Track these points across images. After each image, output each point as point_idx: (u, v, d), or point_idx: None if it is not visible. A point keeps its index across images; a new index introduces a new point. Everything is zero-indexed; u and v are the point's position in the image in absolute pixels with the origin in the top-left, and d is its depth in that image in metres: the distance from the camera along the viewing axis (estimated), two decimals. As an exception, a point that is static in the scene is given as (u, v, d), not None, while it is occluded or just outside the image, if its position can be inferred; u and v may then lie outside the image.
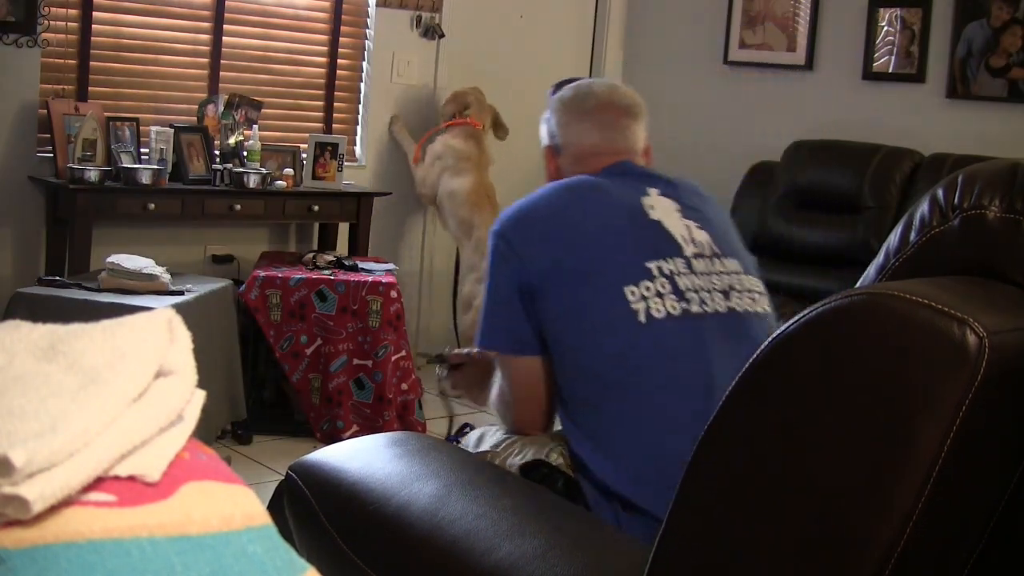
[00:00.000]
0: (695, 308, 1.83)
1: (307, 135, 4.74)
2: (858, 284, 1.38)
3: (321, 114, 4.97)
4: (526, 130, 5.86)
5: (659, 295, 1.81)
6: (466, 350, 2.27)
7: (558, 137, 2.10)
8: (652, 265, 1.84)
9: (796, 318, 1.18)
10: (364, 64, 5.05)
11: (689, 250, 1.90)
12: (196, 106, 4.49)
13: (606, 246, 1.86)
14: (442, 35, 5.18)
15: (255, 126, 4.50)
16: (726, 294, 1.88)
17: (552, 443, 1.90)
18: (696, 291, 1.85)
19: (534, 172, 2.55)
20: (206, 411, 0.91)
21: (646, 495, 1.73)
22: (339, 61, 4.97)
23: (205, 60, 4.58)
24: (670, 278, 1.84)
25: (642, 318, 1.79)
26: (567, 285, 1.83)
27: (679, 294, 1.83)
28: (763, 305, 1.96)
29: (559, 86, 2.23)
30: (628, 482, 1.76)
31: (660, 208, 1.94)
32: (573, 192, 1.95)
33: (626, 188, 1.95)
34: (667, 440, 1.74)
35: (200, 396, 0.91)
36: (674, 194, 1.98)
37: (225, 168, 4.34)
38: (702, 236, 1.93)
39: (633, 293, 1.80)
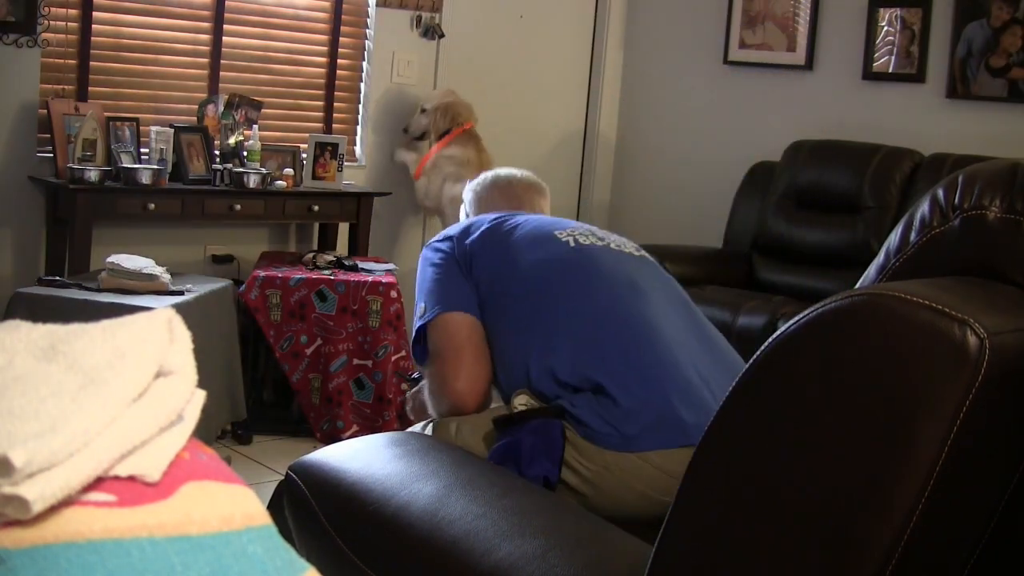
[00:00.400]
0: (612, 246, 2.18)
1: (307, 135, 4.74)
2: (858, 284, 1.38)
3: (321, 114, 4.97)
4: (525, 130, 5.88)
5: (582, 235, 2.18)
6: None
7: (472, 215, 2.43)
8: (571, 224, 2.23)
9: (796, 318, 1.18)
10: (364, 64, 5.05)
11: (595, 228, 2.27)
12: (196, 106, 4.49)
13: (526, 226, 2.17)
14: (442, 35, 5.18)
15: (255, 126, 4.50)
16: (637, 249, 2.24)
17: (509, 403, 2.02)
18: (610, 241, 2.20)
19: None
20: (206, 411, 0.91)
21: (585, 371, 1.94)
22: (339, 61, 4.97)
23: (205, 60, 4.58)
24: (587, 230, 2.21)
25: (572, 244, 2.14)
26: (498, 252, 2.13)
27: (598, 238, 2.19)
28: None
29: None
30: (570, 367, 1.95)
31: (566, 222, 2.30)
32: (490, 214, 2.27)
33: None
34: (601, 326, 2.00)
35: (200, 396, 0.91)
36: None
37: (225, 168, 4.34)
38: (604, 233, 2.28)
39: (561, 234, 2.16)
